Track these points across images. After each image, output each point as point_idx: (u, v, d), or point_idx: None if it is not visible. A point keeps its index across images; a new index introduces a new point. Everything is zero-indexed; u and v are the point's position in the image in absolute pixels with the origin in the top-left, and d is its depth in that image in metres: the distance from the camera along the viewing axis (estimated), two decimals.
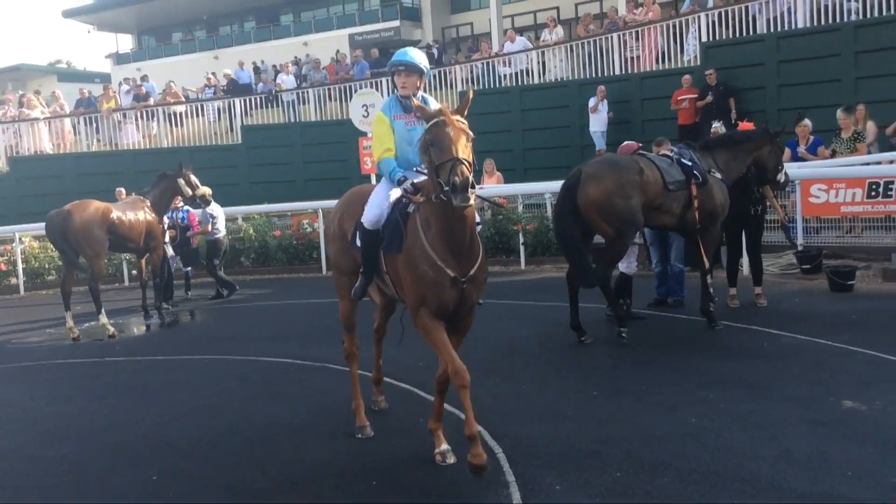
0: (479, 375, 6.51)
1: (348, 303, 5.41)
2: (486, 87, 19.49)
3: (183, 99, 22.80)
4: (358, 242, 5.00)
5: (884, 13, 13.92)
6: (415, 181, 4.65)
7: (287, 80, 22.56)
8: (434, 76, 20.67)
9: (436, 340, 4.50)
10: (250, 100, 22.12)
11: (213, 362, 7.87)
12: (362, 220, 4.87)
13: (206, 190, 11.26)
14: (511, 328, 8.23)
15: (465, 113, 4.38)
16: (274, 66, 26.26)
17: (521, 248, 12.81)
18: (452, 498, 4.30)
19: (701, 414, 5.24)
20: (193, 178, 11.02)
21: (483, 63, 20.02)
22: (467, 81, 20.08)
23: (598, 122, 16.63)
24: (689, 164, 7.51)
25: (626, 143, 8.47)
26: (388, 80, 20.75)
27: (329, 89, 21.40)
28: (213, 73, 24.92)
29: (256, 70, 25.50)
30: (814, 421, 4.94)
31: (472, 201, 4.08)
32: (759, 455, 4.47)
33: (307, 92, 21.62)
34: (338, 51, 26.67)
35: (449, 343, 4.51)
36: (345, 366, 7.01)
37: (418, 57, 4.93)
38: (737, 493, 4.03)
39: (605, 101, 16.56)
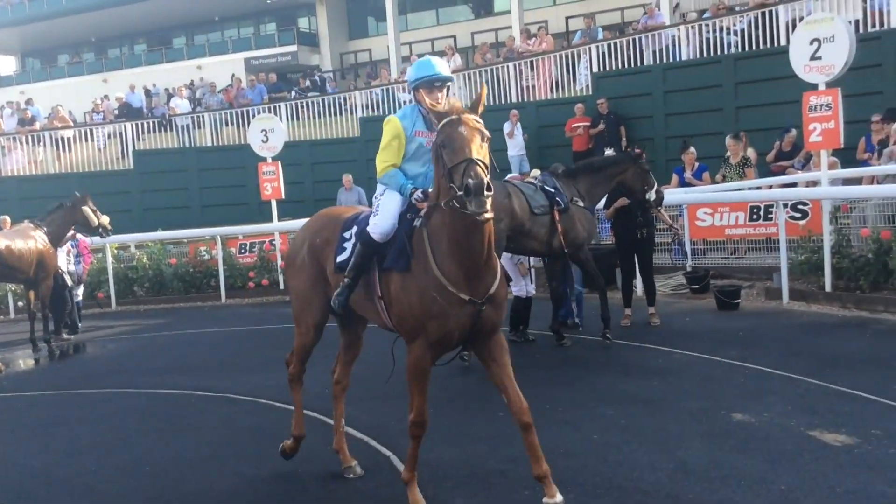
0: (384, 401, 6.57)
1: (310, 338, 4.95)
2: (387, 113, 19.61)
3: (71, 123, 21.97)
4: (339, 259, 4.52)
5: (761, 47, 14.82)
6: (426, 189, 4.25)
7: (181, 105, 22.09)
8: (331, 102, 20.72)
9: (419, 381, 4.13)
10: (142, 124, 21.56)
11: (109, 396, 7.58)
12: (370, 231, 4.31)
13: (107, 218, 10.89)
14: None
15: (480, 111, 3.95)
16: (167, 90, 25.67)
17: None
18: None
19: (602, 430, 5.42)
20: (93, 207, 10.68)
21: (382, 89, 20.19)
22: (367, 107, 20.20)
23: (515, 146, 16.82)
24: (552, 190, 7.80)
25: (514, 174, 8.78)
26: (286, 105, 20.67)
27: (226, 114, 21.08)
28: (106, 97, 24.15)
29: (148, 94, 24.85)
30: (707, 433, 5.18)
31: (488, 207, 3.65)
32: (658, 467, 4.66)
33: (203, 116, 21.25)
34: (233, 75, 26.31)
35: (426, 390, 4.18)
36: (248, 395, 6.96)
37: (445, 67, 4.39)
38: None
39: (520, 125, 16.84)
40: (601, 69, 17.03)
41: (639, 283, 9.43)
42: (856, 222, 9.27)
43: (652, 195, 8.40)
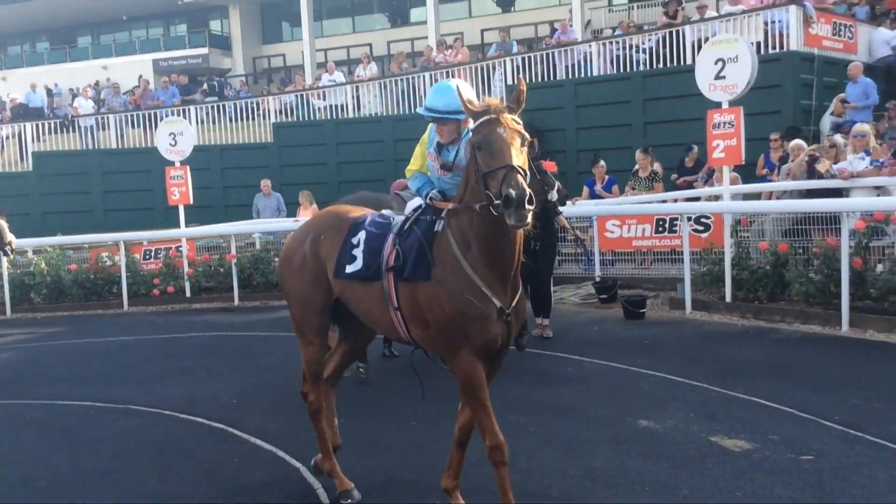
0: (294, 410, 6.45)
1: (317, 347, 4.53)
2: (301, 119, 19.43)
3: None
4: (350, 270, 4.19)
5: (668, 65, 15.32)
6: (441, 189, 4.07)
7: (85, 105, 21.31)
8: (244, 106, 20.36)
9: (479, 397, 3.81)
10: (43, 125, 20.68)
11: (2, 408, 7.19)
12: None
13: (14, 239, 10.24)
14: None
15: (520, 109, 3.66)
16: (70, 90, 24.72)
17: None
18: None
19: (513, 438, 5.42)
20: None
21: (296, 95, 19.97)
22: (280, 113, 19.94)
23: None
24: None
25: (398, 180, 8.77)
26: (196, 109, 20.19)
27: (132, 116, 20.44)
28: (7, 96, 23.12)
29: (49, 93, 23.87)
30: (615, 440, 5.28)
31: (529, 220, 3.38)
32: (567, 474, 4.73)
33: (107, 118, 20.54)
34: (140, 76, 25.55)
35: (489, 406, 3.83)
36: (152, 406, 6.73)
37: (460, 99, 3.70)
38: None
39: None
40: (515, 81, 17.22)
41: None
42: (755, 235, 9.65)
43: (554, 195, 8.40)
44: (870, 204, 8.54)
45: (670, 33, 15.40)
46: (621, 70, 15.99)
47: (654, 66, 15.60)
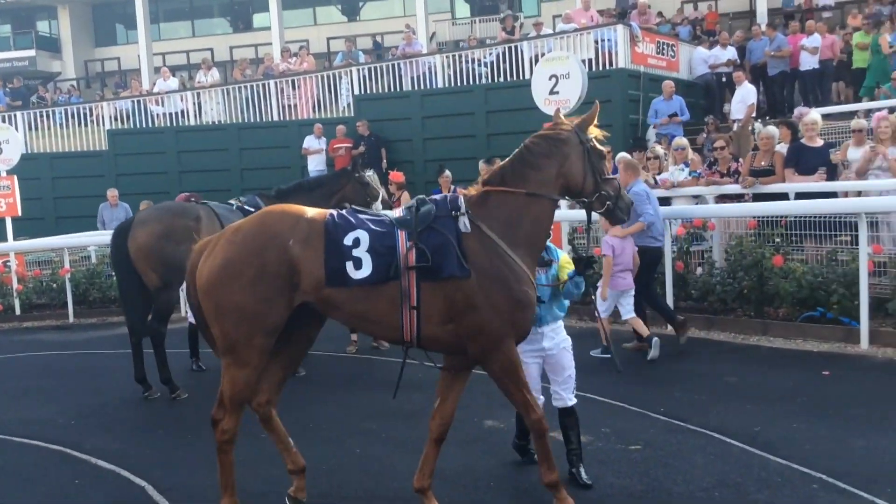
0: (136, 428, 6.29)
1: (253, 370, 4.12)
2: (138, 126, 18.68)
3: None
4: (358, 275, 3.97)
5: (508, 79, 15.94)
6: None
7: None
8: (76, 112, 19.35)
9: (519, 377, 4.11)
10: None
11: None
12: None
13: None
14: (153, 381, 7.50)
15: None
16: None
17: None
18: None
19: (365, 444, 5.57)
20: None
21: (133, 101, 19.17)
22: (115, 119, 19.08)
23: (318, 161, 16.56)
24: (254, 210, 7.84)
25: (182, 193, 8.77)
26: (23, 115, 18.98)
27: None
28: None
29: None
30: (462, 441, 5.49)
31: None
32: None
33: None
34: None
35: (526, 384, 4.19)
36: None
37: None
38: None
39: (324, 139, 16.59)
40: (362, 91, 17.41)
41: None
42: (590, 241, 10.19)
43: (378, 206, 8.50)
44: (689, 211, 9.28)
45: (510, 48, 16.05)
46: (465, 83, 16.47)
47: (496, 80, 16.18)
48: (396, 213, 4.26)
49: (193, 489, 4.88)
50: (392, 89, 17.16)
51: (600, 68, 14.87)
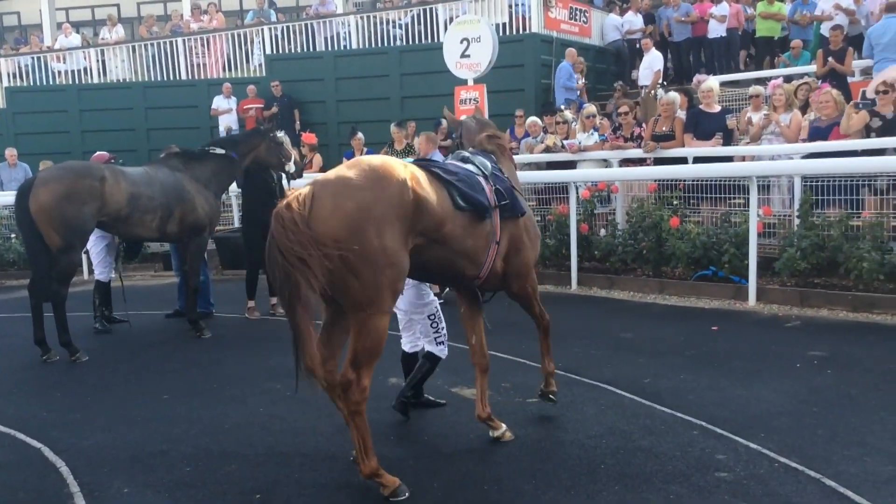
0: (34, 392, 6.17)
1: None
2: (38, 83, 17.89)
3: None
4: (478, 197, 4.33)
5: (421, 41, 15.88)
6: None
7: None
8: None
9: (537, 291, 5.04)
10: None
11: None
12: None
13: None
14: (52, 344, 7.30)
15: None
16: None
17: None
18: None
19: (269, 403, 5.60)
20: None
21: (33, 58, 18.32)
22: (14, 76, 18.22)
23: (228, 121, 16.11)
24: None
25: (98, 153, 8.59)
26: None
27: None
28: None
29: None
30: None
31: None
32: (319, 432, 4.97)
33: None
34: None
35: None
36: None
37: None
38: (297, 466, 4.45)
39: (234, 99, 16.16)
40: (275, 51, 17.07)
41: None
42: None
43: (291, 166, 8.50)
44: (593, 175, 9.53)
45: (425, 10, 15.95)
46: (379, 44, 16.33)
47: (410, 42, 16.09)
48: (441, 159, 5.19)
49: (90, 450, 4.83)
50: (305, 49, 16.89)
51: (514, 32, 14.97)
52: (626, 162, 9.97)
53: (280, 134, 8.64)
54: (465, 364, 6.21)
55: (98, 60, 18.02)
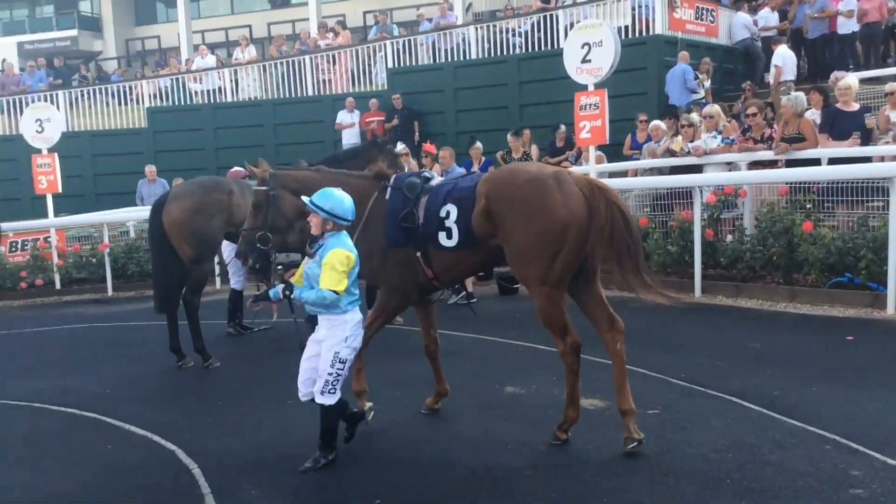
0: (169, 398, 6.49)
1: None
2: (176, 103, 18.97)
3: None
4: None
5: (542, 48, 15.80)
6: None
7: None
8: (116, 91, 19.68)
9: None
10: None
11: None
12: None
13: None
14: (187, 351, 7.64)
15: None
16: None
17: None
18: None
19: (389, 410, 5.68)
20: None
21: (172, 79, 19.45)
22: (155, 97, 19.38)
23: (351, 135, 16.66)
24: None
25: (234, 168, 8.84)
26: (65, 94, 19.36)
27: None
28: None
29: None
30: (482, 406, 5.59)
31: None
32: (436, 440, 5.00)
33: None
34: (3, 60, 24.24)
35: None
36: (20, 399, 6.57)
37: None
38: (416, 474, 4.49)
39: (356, 113, 16.70)
40: (396, 65, 17.42)
41: None
42: None
43: None
44: (719, 179, 9.18)
45: (545, 17, 15.88)
46: (498, 53, 16.36)
47: (530, 50, 16.05)
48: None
49: (221, 453, 5.04)
50: (426, 62, 17.13)
51: (636, 35, 14.66)
52: (755, 165, 9.55)
53: (400, 146, 8.81)
54: (583, 374, 6.13)
55: (231, 80, 18.94)
